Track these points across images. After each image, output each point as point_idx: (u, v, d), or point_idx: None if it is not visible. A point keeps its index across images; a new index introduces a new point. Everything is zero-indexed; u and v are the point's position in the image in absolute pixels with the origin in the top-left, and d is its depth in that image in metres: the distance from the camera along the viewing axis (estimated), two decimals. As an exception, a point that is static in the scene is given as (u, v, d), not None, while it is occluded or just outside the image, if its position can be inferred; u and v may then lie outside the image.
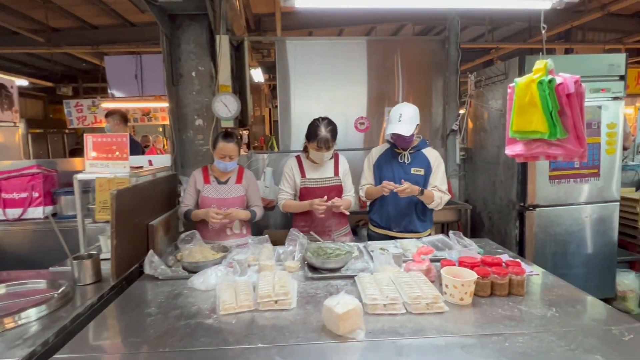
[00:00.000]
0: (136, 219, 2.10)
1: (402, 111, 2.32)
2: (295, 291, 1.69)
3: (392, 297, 1.50)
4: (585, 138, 1.52)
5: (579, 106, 1.49)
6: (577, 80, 1.47)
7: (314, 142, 2.28)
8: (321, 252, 1.99)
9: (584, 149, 1.53)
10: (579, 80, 1.48)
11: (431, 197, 2.35)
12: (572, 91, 1.45)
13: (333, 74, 3.72)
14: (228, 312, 1.50)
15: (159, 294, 1.72)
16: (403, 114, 2.30)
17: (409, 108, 2.34)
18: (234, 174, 2.48)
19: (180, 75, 3.48)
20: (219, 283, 1.73)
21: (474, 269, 1.66)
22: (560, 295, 1.62)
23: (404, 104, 2.39)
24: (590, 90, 3.00)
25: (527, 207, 3.04)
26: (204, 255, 1.99)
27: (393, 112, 2.36)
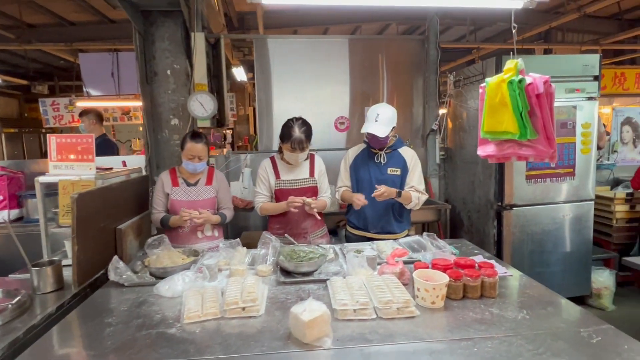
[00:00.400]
0: (102, 223, 2.02)
1: (379, 111, 2.29)
2: (265, 297, 1.64)
3: (363, 302, 1.47)
4: (555, 139, 1.52)
5: (549, 107, 1.48)
6: (546, 80, 1.46)
7: (287, 143, 2.23)
8: (294, 256, 1.94)
9: (553, 150, 1.52)
10: (549, 81, 1.47)
11: (409, 198, 2.33)
12: (541, 91, 1.44)
13: (313, 73, 3.68)
14: (192, 321, 1.44)
15: (122, 302, 1.65)
16: (380, 115, 2.27)
17: (387, 109, 2.31)
18: (204, 175, 2.41)
19: (155, 73, 3.38)
20: (186, 290, 1.67)
21: (446, 271, 1.65)
22: (532, 296, 1.61)
23: (382, 104, 2.36)
24: (565, 91, 3.03)
25: (505, 206, 3.05)
26: (172, 260, 1.92)
27: (371, 111, 2.33)
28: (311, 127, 2.31)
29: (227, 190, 2.49)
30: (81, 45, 5.06)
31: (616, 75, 6.07)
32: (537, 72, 3.00)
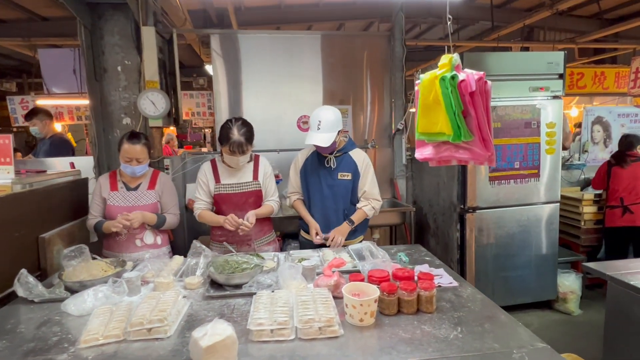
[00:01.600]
0: (17, 232, 1.85)
1: (321, 117, 2.13)
2: (182, 315, 1.50)
3: (281, 321, 1.33)
4: (492, 140, 1.40)
5: (484, 106, 1.36)
6: (480, 77, 1.34)
7: (226, 146, 2.07)
8: (226, 267, 1.80)
9: (491, 153, 1.40)
10: (484, 77, 1.35)
11: (363, 216, 2.25)
12: (474, 89, 1.32)
13: (276, 70, 3.53)
14: (89, 345, 1.29)
15: (24, 322, 1.49)
16: (322, 121, 2.12)
17: (329, 113, 2.15)
18: (146, 179, 2.25)
19: (105, 69, 3.20)
20: (97, 307, 1.52)
21: (381, 284, 1.52)
22: (472, 311, 1.50)
23: (324, 107, 2.20)
24: (530, 89, 2.94)
25: (467, 209, 2.95)
26: (90, 272, 1.76)
27: (312, 117, 2.17)
28: (252, 128, 2.17)
29: (173, 195, 2.32)
30: (40, 41, 4.82)
31: (596, 74, 6.04)
32: (499, 70, 2.93)
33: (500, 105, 2.90)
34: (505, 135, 2.92)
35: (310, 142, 2.10)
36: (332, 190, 2.24)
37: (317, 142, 2.08)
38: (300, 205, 2.34)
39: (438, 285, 1.74)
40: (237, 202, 2.19)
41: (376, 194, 2.27)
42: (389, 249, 2.27)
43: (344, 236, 2.17)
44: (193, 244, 1.91)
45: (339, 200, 2.23)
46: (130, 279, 1.69)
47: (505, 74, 2.91)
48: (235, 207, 2.20)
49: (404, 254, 2.13)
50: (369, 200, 2.26)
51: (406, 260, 2.06)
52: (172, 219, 2.27)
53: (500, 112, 2.90)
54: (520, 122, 2.93)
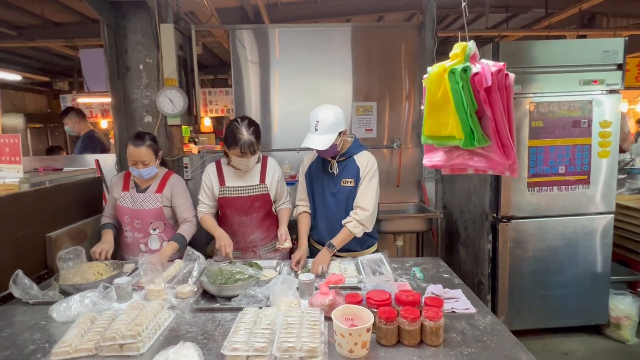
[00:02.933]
0: (23, 231, 1.87)
1: (319, 117, 1.92)
2: (163, 329, 1.41)
3: (258, 347, 1.19)
4: (513, 146, 1.14)
5: (504, 104, 1.11)
6: (500, 69, 1.10)
7: (236, 148, 1.93)
8: (219, 277, 1.69)
9: (512, 162, 1.15)
10: (504, 69, 1.10)
11: (348, 236, 1.99)
12: (489, 84, 1.07)
13: (303, 66, 3.38)
14: (60, 358, 1.23)
15: (11, 325, 1.47)
16: (320, 122, 1.91)
17: (327, 113, 1.93)
18: (156, 181, 2.16)
19: (127, 68, 3.22)
20: (82, 313, 1.47)
21: (379, 308, 1.33)
22: (487, 347, 1.26)
23: (323, 107, 1.98)
24: (580, 82, 2.54)
25: (501, 218, 2.63)
26: (84, 276, 1.73)
27: (311, 117, 1.97)
28: (259, 127, 2.04)
29: (185, 197, 2.19)
30: (82, 42, 5.04)
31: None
32: (543, 61, 2.56)
33: (544, 102, 2.54)
34: (549, 136, 2.56)
35: (307, 145, 1.91)
36: (335, 198, 2.05)
37: (313, 145, 1.89)
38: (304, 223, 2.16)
39: (452, 310, 1.52)
40: (242, 206, 2.08)
41: (365, 203, 1.99)
42: (404, 262, 2.06)
43: (325, 263, 1.91)
44: (187, 249, 1.81)
45: (342, 208, 2.04)
46: (120, 285, 1.63)
47: (551, 65, 2.53)
48: (240, 211, 2.08)
49: (419, 269, 1.91)
50: (355, 211, 2.00)
51: (420, 277, 1.85)
52: (190, 228, 2.13)
53: (542, 110, 2.54)
54: (567, 120, 2.55)
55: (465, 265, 3.12)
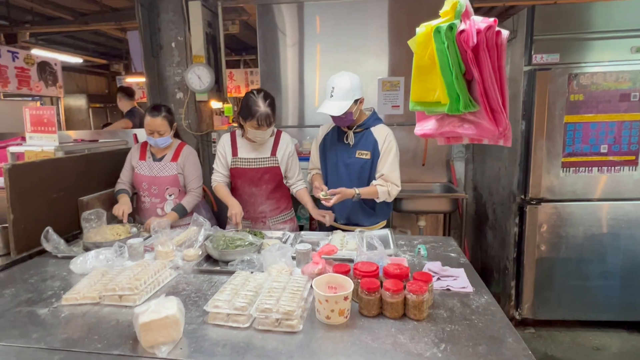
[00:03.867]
0: (56, 194, 2.07)
1: (334, 83, 1.90)
2: (162, 285, 1.51)
3: (238, 306, 1.23)
4: (504, 112, 1.04)
5: (494, 65, 1.01)
6: (490, 25, 0.99)
7: (252, 120, 1.97)
8: (222, 242, 1.76)
9: (503, 128, 1.05)
10: (494, 26, 1.00)
11: (373, 194, 1.97)
12: (474, 42, 0.98)
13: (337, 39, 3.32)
14: (69, 303, 1.37)
15: (38, 273, 1.66)
16: (336, 88, 1.89)
17: (344, 79, 1.90)
18: (171, 151, 2.32)
19: (161, 46, 3.37)
20: (96, 268, 1.61)
21: (364, 278, 1.32)
22: (473, 325, 1.21)
23: (340, 73, 1.94)
24: (632, 50, 2.24)
25: (529, 200, 2.44)
26: (104, 235, 1.89)
27: (327, 84, 1.95)
28: (274, 100, 2.05)
29: (195, 168, 2.33)
30: (128, 25, 5.34)
31: None
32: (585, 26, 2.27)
33: (585, 73, 2.28)
34: (590, 111, 2.30)
35: (322, 111, 1.89)
36: (348, 169, 2.03)
37: (328, 111, 1.87)
38: (318, 176, 2.18)
39: (447, 288, 1.46)
40: (252, 177, 2.13)
41: (395, 179, 1.98)
42: (412, 240, 2.00)
43: (345, 197, 1.92)
44: (194, 216, 1.91)
45: (354, 180, 2.01)
46: (133, 245, 1.76)
47: (595, 30, 2.25)
48: (250, 182, 2.14)
49: (424, 246, 1.84)
50: (387, 183, 1.99)
51: (424, 254, 1.79)
52: (191, 199, 2.27)
53: (584, 82, 2.28)
54: (613, 93, 2.27)
55: (492, 249, 2.97)
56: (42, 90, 5.83)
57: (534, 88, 2.32)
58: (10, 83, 5.23)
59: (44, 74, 5.89)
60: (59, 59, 6.20)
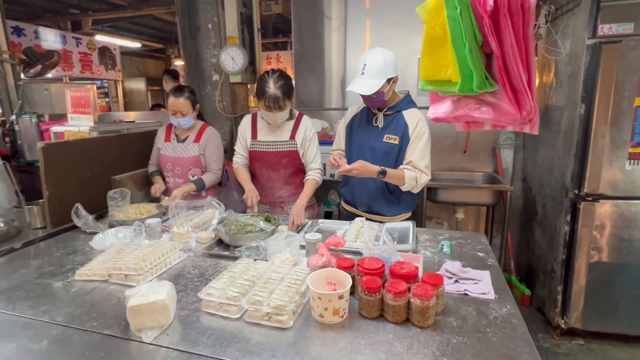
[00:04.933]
0: (90, 172, 2.18)
1: (367, 60, 1.74)
2: (169, 267, 1.52)
3: (230, 296, 1.19)
4: (529, 92, 0.85)
5: (518, 35, 0.82)
6: (514, -17, 0.80)
7: (262, 101, 1.92)
8: (233, 227, 1.74)
9: (527, 112, 0.86)
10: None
11: (399, 178, 1.80)
12: (491, 5, 0.79)
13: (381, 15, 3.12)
14: (81, 278, 1.43)
15: (66, 247, 1.76)
16: (367, 65, 1.72)
17: (376, 55, 1.72)
18: (193, 132, 2.34)
19: (198, 28, 3.41)
20: (115, 245, 1.67)
21: (365, 276, 1.21)
22: (486, 340, 1.05)
23: (374, 50, 1.77)
24: None
25: (584, 196, 2.12)
26: (127, 214, 1.96)
27: (359, 61, 1.80)
28: (291, 82, 1.95)
29: (216, 149, 2.35)
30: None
31: None
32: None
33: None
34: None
35: (351, 89, 1.75)
36: (373, 154, 1.88)
37: (357, 89, 1.73)
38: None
39: (464, 292, 1.30)
40: (270, 161, 2.07)
41: (424, 167, 1.79)
42: (437, 234, 1.83)
43: (364, 174, 1.76)
44: (209, 199, 1.90)
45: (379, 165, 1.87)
46: (150, 224, 1.80)
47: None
48: (268, 166, 2.09)
49: (449, 243, 1.68)
50: (416, 170, 1.82)
51: (447, 251, 1.62)
52: (212, 177, 2.30)
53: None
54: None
55: (539, 248, 2.67)
56: (103, 74, 6.27)
57: (597, 64, 1.97)
58: (74, 67, 5.68)
59: (104, 58, 6.31)
60: (117, 44, 6.60)
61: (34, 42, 5.00)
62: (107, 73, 6.34)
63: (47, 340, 1.08)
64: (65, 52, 5.50)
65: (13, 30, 4.74)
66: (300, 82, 3.34)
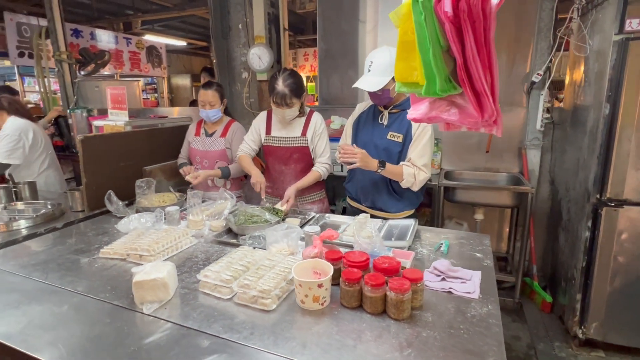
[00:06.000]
0: (124, 162, 2.41)
1: (374, 57, 1.80)
2: (179, 250, 1.67)
3: (224, 278, 1.31)
4: (490, 96, 0.85)
5: (479, 39, 0.83)
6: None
7: (271, 97, 2.04)
8: (241, 217, 1.87)
9: (489, 115, 0.87)
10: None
11: (398, 174, 1.83)
12: (446, 11, 0.81)
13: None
14: (105, 256, 1.62)
15: (98, 228, 1.98)
16: (374, 62, 1.78)
17: (383, 53, 1.78)
18: (221, 127, 2.50)
19: (229, 28, 3.58)
20: (136, 229, 1.86)
21: (348, 268, 1.28)
22: (457, 335, 1.08)
23: (380, 48, 1.82)
24: None
25: (606, 201, 2.01)
26: (151, 201, 2.15)
27: (367, 58, 1.86)
28: (300, 81, 2.04)
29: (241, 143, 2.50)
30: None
31: None
32: None
33: None
34: None
35: (357, 86, 1.82)
36: (377, 151, 1.92)
37: (363, 86, 1.78)
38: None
39: (449, 290, 1.32)
40: (282, 156, 2.18)
41: (423, 165, 1.81)
42: (440, 233, 1.85)
43: (366, 166, 1.78)
44: (221, 190, 2.04)
45: None
46: (170, 212, 1.97)
47: None
48: (280, 161, 2.19)
49: (448, 242, 1.69)
50: (415, 167, 1.84)
51: (444, 250, 1.64)
52: (236, 167, 2.45)
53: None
54: None
55: (562, 254, 2.55)
56: (150, 71, 6.73)
57: (624, 62, 1.85)
58: (124, 65, 6.15)
59: (151, 56, 6.76)
60: (164, 43, 7.04)
61: (90, 42, 5.49)
62: (153, 70, 6.80)
63: (67, 305, 1.26)
64: (117, 52, 5.98)
65: (72, 32, 5.23)
66: (324, 79, 3.41)
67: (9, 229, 1.93)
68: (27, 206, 2.29)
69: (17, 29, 4.97)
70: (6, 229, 1.92)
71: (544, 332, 2.46)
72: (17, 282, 1.42)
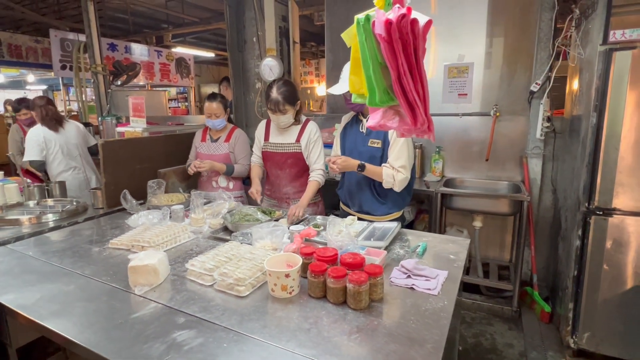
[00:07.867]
0: (140, 165, 2.65)
1: (345, 67, 1.92)
2: (177, 244, 1.85)
3: (207, 267, 1.47)
4: (419, 106, 0.96)
5: (410, 57, 0.95)
6: (402, 15, 0.92)
7: (267, 104, 2.22)
8: (237, 216, 2.03)
9: (420, 123, 0.97)
10: (408, 15, 0.92)
11: (377, 175, 1.94)
12: (378, 32, 0.93)
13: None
14: (112, 246, 1.83)
15: (112, 224, 2.21)
16: (344, 69, 1.92)
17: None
18: (224, 133, 2.71)
19: (245, 41, 3.82)
20: (144, 224, 2.07)
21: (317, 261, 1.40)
22: (405, 325, 1.18)
23: None
24: None
25: (594, 209, 2.01)
26: (161, 200, 2.37)
27: (344, 68, 1.99)
28: (294, 89, 2.20)
29: (244, 147, 2.70)
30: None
31: None
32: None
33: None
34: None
35: (330, 91, 1.96)
36: (361, 158, 2.04)
37: (330, 90, 1.93)
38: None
39: (411, 286, 1.42)
40: (278, 161, 2.33)
41: (400, 166, 1.92)
42: (422, 236, 1.93)
43: (347, 168, 1.95)
44: (220, 192, 2.22)
45: None
46: (175, 210, 2.18)
47: None
48: (276, 165, 2.35)
49: (425, 244, 1.77)
50: (395, 169, 1.94)
51: (420, 252, 1.72)
52: (240, 168, 2.64)
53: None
54: None
55: (560, 263, 2.54)
56: (178, 82, 7.16)
57: (608, 72, 1.87)
58: (155, 76, 6.59)
59: (180, 67, 7.19)
60: (192, 55, 7.46)
61: (125, 55, 5.95)
62: (182, 80, 7.23)
63: (74, 285, 1.46)
64: (148, 63, 6.43)
65: (109, 47, 5.71)
66: (331, 89, 3.55)
67: (38, 221, 2.19)
68: (56, 202, 2.57)
69: (60, 44, 5.50)
70: (36, 222, 2.19)
71: (539, 342, 2.45)
72: (38, 265, 1.65)
